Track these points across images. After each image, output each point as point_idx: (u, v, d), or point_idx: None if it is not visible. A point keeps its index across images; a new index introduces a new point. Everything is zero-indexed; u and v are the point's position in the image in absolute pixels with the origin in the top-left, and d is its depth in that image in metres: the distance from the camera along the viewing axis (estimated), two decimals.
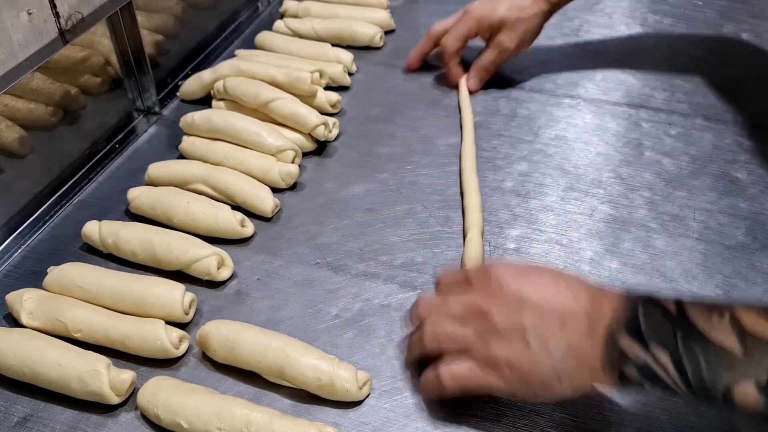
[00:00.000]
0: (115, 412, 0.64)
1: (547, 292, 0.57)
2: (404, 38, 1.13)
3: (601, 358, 0.53)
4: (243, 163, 0.85)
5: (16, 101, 0.81)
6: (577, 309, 0.55)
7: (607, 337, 0.53)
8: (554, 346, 0.55)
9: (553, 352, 0.55)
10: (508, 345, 0.56)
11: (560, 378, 0.55)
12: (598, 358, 0.53)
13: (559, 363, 0.55)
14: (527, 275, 0.59)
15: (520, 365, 0.56)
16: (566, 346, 0.54)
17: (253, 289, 0.74)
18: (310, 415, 0.63)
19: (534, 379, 0.56)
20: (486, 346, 0.57)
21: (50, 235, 0.82)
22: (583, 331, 0.54)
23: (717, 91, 0.99)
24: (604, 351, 0.53)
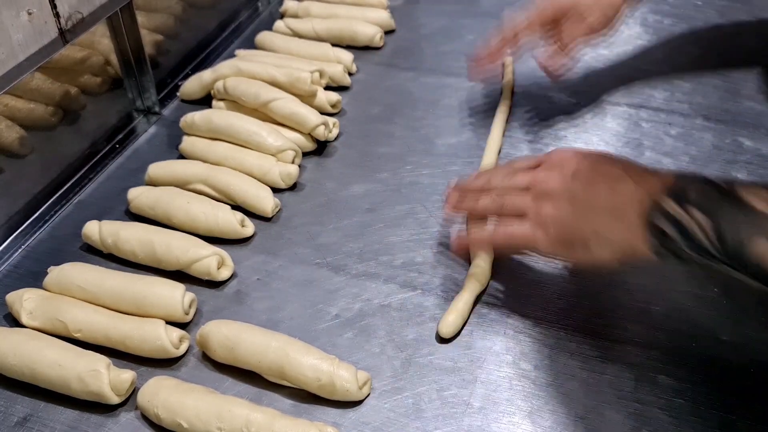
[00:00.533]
0: (115, 412, 0.64)
1: (604, 165, 0.63)
2: (404, 38, 1.13)
3: (643, 219, 0.56)
4: (243, 163, 0.85)
5: (16, 101, 0.81)
6: (627, 179, 0.59)
7: (652, 202, 0.56)
8: (599, 208, 0.60)
9: (597, 214, 0.60)
10: (556, 205, 0.62)
11: (600, 240, 0.60)
12: (639, 220, 0.57)
13: (601, 225, 0.59)
14: (590, 155, 0.65)
15: (563, 224, 0.62)
16: (610, 209, 0.59)
17: (253, 289, 0.74)
18: (310, 415, 0.63)
19: (575, 238, 0.61)
20: (537, 206, 0.64)
21: (50, 235, 0.82)
22: (629, 196, 0.58)
23: (717, 90, 0.99)
24: (647, 213, 0.56)
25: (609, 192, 0.60)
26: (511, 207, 0.67)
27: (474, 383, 0.65)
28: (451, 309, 0.69)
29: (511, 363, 0.67)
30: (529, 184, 0.66)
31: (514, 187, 0.67)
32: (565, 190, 0.63)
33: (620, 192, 0.59)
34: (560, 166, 0.65)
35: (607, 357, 0.66)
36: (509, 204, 0.67)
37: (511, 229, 0.66)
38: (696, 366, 0.65)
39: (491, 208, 0.69)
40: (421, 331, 0.70)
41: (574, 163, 0.64)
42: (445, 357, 0.67)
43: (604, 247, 0.60)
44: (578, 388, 0.64)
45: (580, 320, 0.70)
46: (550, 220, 0.63)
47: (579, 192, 0.62)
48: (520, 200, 0.66)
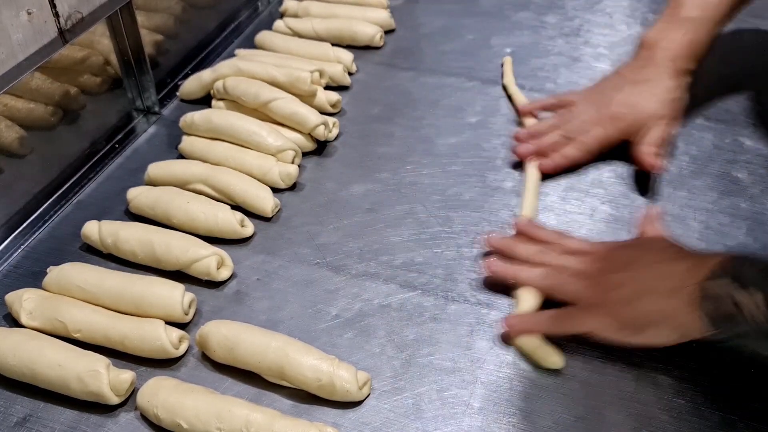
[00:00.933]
0: (115, 412, 0.64)
1: (654, 254, 0.65)
2: (404, 38, 1.13)
3: (695, 299, 0.57)
4: (243, 163, 0.85)
5: (16, 101, 0.81)
6: (680, 264, 0.61)
7: (703, 283, 0.57)
8: (654, 293, 0.61)
9: (652, 298, 0.61)
10: (615, 292, 0.63)
11: (656, 321, 0.60)
12: (695, 301, 0.57)
13: (657, 307, 0.60)
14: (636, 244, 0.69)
15: (621, 310, 0.62)
16: (667, 291, 0.59)
17: (252, 289, 0.74)
18: (310, 415, 0.63)
19: (634, 322, 0.62)
20: (594, 293, 0.64)
21: (50, 235, 0.82)
22: (682, 271, 0.60)
23: (716, 90, 0.98)
24: (699, 292, 0.57)
25: (661, 277, 0.61)
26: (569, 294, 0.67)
27: (474, 384, 0.65)
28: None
29: (511, 363, 0.66)
30: (580, 269, 0.67)
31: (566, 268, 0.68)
32: (620, 276, 0.64)
33: (673, 277, 0.60)
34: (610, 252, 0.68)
35: (607, 357, 0.66)
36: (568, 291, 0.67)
37: (567, 314, 0.66)
38: (696, 366, 0.65)
39: (543, 286, 0.69)
40: (421, 331, 0.69)
41: (624, 251, 0.67)
42: (445, 357, 0.67)
43: (661, 329, 0.61)
44: (578, 389, 0.64)
45: None
46: (609, 306, 0.63)
47: (636, 278, 0.63)
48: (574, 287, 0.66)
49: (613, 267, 0.65)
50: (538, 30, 1.12)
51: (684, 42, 0.84)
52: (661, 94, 0.83)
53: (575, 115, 0.86)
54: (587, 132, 0.84)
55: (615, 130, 0.84)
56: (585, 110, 0.86)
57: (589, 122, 0.85)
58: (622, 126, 0.83)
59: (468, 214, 0.82)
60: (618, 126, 0.83)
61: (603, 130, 0.84)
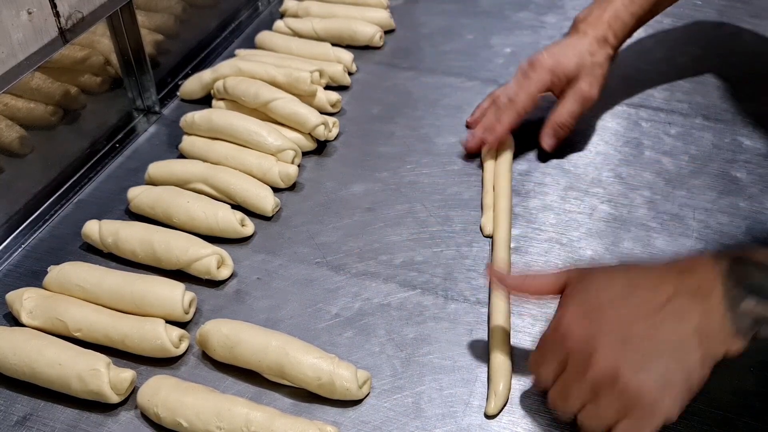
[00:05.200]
0: (115, 411, 0.64)
1: (636, 296, 0.55)
2: (404, 38, 1.13)
3: (730, 328, 0.52)
4: (243, 162, 0.85)
5: (16, 101, 0.81)
6: (680, 289, 0.54)
7: (729, 313, 0.52)
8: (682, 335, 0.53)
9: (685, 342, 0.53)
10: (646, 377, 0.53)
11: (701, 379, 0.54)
12: (726, 330, 0.52)
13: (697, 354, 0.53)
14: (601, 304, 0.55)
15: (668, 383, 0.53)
16: (693, 333, 0.53)
17: (253, 289, 0.74)
18: (310, 414, 0.63)
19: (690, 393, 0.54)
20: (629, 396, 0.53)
21: (50, 234, 0.82)
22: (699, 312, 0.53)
23: (717, 90, 0.99)
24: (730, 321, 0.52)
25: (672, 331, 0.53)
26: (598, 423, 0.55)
27: (474, 382, 0.65)
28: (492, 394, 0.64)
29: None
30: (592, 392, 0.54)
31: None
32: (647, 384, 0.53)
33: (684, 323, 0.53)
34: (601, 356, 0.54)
35: None
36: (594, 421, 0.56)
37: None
38: None
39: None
40: (421, 330, 0.70)
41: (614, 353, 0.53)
42: (445, 356, 0.67)
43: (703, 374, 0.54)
44: None
45: None
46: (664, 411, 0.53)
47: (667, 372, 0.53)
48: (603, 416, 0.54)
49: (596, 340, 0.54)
50: (538, 30, 1.12)
51: (605, 18, 0.87)
52: (582, 52, 0.86)
53: (505, 88, 0.90)
54: (516, 95, 0.86)
55: (539, 82, 0.86)
56: (513, 80, 0.89)
57: (516, 86, 0.87)
58: (545, 77, 0.86)
59: (468, 213, 0.82)
60: (541, 77, 0.86)
61: (528, 85, 0.86)
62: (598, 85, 0.86)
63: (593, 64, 0.86)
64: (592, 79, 0.86)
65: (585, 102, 0.86)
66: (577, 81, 0.86)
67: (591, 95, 0.86)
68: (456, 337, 0.69)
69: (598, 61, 0.86)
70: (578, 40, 0.87)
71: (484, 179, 0.85)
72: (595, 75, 0.86)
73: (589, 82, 0.86)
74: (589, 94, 0.86)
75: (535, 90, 0.86)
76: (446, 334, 0.69)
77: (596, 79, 0.86)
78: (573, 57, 0.86)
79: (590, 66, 0.86)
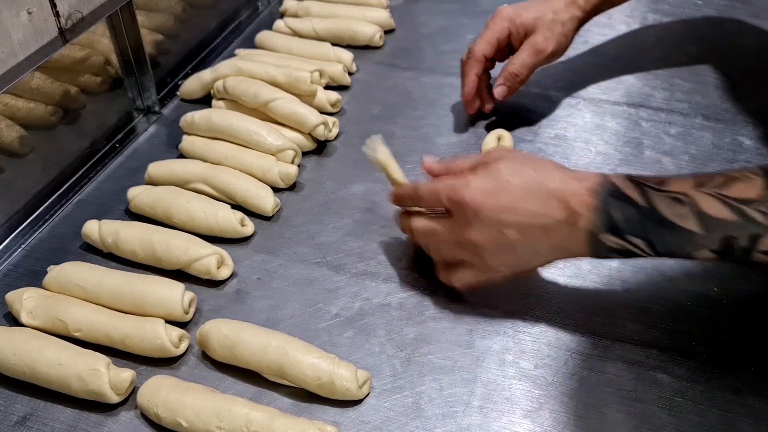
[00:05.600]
0: (115, 411, 0.64)
1: (523, 209, 0.64)
2: (404, 38, 1.13)
3: (586, 251, 0.63)
4: (243, 162, 0.85)
5: (16, 100, 0.81)
6: (555, 218, 0.63)
7: (589, 238, 0.62)
8: (542, 249, 0.65)
9: (542, 253, 0.65)
10: (502, 258, 0.66)
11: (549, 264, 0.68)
12: (583, 251, 0.63)
13: (548, 259, 0.66)
14: (500, 195, 0.64)
15: (516, 268, 0.67)
16: (552, 247, 0.64)
17: (253, 288, 0.74)
18: (310, 413, 0.63)
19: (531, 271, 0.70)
20: (484, 263, 0.67)
21: (50, 234, 0.82)
22: (565, 234, 0.63)
23: (716, 90, 0.99)
24: (588, 247, 0.62)
25: (544, 234, 0.63)
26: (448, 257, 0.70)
27: (474, 382, 0.65)
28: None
29: (511, 362, 0.67)
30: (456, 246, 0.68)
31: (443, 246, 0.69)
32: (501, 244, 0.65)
33: (554, 234, 0.63)
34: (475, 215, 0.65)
35: (607, 356, 0.66)
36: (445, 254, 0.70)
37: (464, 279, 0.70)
38: (695, 365, 0.65)
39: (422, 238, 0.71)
40: (421, 330, 0.70)
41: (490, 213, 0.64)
42: (445, 356, 0.67)
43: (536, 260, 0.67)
44: (578, 387, 0.64)
45: (579, 319, 0.70)
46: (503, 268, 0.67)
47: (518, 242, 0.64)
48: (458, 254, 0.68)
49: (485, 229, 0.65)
50: None
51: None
52: (545, 9, 0.88)
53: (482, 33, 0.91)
54: (476, 44, 0.90)
55: (496, 30, 0.89)
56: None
57: (478, 37, 0.90)
58: (503, 24, 0.89)
59: None
60: (499, 25, 0.89)
61: (486, 33, 0.90)
62: (555, 40, 0.88)
63: (553, 20, 0.88)
64: (549, 34, 0.88)
65: (538, 54, 0.88)
66: (533, 33, 0.88)
67: (545, 48, 0.88)
68: (456, 337, 0.69)
69: (560, 19, 0.88)
70: (547, 1, 0.90)
71: None
72: (552, 30, 0.88)
73: (545, 36, 0.88)
74: (542, 47, 0.88)
75: (491, 36, 0.89)
76: (446, 334, 0.69)
77: (553, 34, 0.88)
78: (534, 11, 0.88)
79: (549, 21, 0.88)
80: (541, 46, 0.88)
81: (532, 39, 0.88)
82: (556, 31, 0.88)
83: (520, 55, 0.88)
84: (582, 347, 0.67)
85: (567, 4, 0.89)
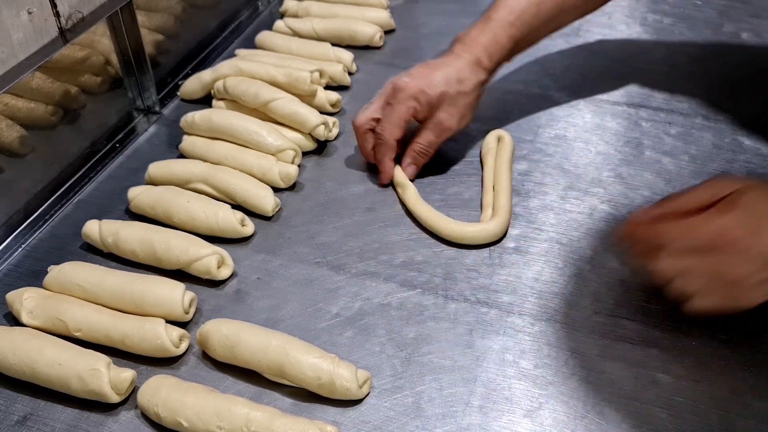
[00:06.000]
0: (116, 410, 0.64)
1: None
2: (404, 38, 1.13)
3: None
4: (243, 162, 0.85)
5: (17, 100, 0.81)
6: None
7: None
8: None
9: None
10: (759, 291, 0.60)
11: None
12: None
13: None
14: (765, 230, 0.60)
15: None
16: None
17: (253, 288, 0.74)
18: (310, 413, 0.63)
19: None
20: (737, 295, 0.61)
21: (50, 234, 0.82)
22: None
23: (717, 90, 0.99)
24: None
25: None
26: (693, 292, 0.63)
27: (474, 382, 0.65)
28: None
29: (511, 362, 0.67)
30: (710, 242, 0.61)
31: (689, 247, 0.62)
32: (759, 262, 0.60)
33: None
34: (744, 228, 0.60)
35: (606, 356, 0.66)
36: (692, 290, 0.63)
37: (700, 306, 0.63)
38: (695, 364, 0.65)
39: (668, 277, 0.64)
40: (421, 329, 0.70)
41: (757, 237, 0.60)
42: (445, 356, 0.67)
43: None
44: (578, 387, 0.64)
45: (579, 319, 0.70)
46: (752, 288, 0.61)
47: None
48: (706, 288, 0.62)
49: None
50: None
51: (482, 40, 0.85)
52: (450, 78, 0.83)
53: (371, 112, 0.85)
54: (383, 129, 0.84)
55: (402, 111, 0.83)
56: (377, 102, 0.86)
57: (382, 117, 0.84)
58: (409, 104, 0.83)
59: (468, 213, 0.82)
60: (404, 105, 0.83)
61: (392, 115, 0.83)
62: (458, 114, 0.84)
63: (458, 93, 0.83)
64: (453, 110, 0.84)
65: (442, 132, 0.84)
66: (438, 110, 0.83)
67: (449, 126, 0.84)
68: (456, 337, 0.69)
69: (465, 90, 0.83)
70: (451, 61, 0.85)
71: (484, 179, 0.85)
72: (457, 105, 0.84)
73: (450, 113, 0.84)
74: (447, 125, 0.84)
75: (399, 119, 0.83)
76: (446, 334, 0.69)
77: (457, 109, 0.84)
78: (439, 84, 0.83)
79: (454, 95, 0.83)
80: (446, 124, 0.84)
81: (436, 117, 0.84)
82: (461, 104, 0.84)
83: (424, 134, 0.85)
84: (582, 347, 0.67)
85: (471, 67, 0.84)
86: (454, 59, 0.85)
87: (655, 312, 0.70)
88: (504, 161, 0.86)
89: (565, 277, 0.74)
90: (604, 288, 0.73)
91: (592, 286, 0.73)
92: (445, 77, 0.83)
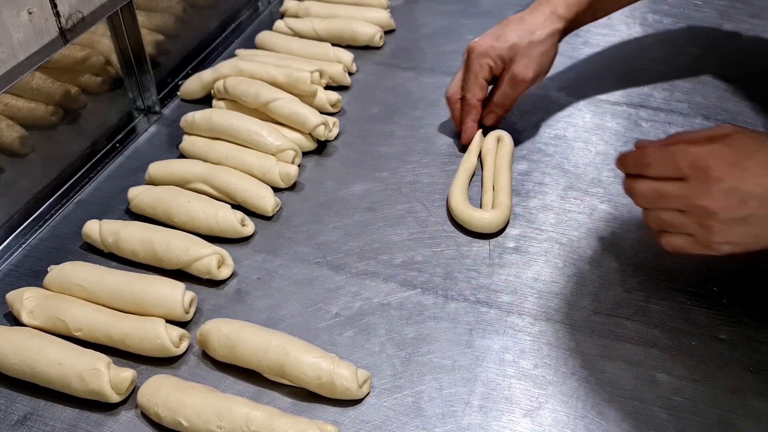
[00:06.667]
0: (116, 410, 0.64)
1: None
2: (404, 38, 1.13)
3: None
4: (243, 162, 0.85)
5: (17, 100, 0.81)
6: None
7: None
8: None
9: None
10: (730, 233, 0.61)
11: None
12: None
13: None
14: (747, 166, 0.60)
15: (743, 245, 0.62)
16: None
17: (253, 288, 0.74)
18: (310, 413, 0.63)
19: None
20: (707, 236, 0.62)
21: (51, 234, 0.82)
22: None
23: (716, 90, 0.99)
24: None
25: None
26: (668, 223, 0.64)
27: (474, 382, 0.65)
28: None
29: (511, 362, 0.67)
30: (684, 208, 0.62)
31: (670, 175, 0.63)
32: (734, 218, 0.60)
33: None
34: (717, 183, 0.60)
35: (606, 355, 0.66)
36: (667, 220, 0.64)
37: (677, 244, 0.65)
38: (695, 364, 0.65)
39: (645, 201, 0.66)
40: (421, 329, 0.70)
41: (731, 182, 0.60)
42: (445, 355, 0.67)
43: None
44: (578, 387, 0.64)
45: (579, 319, 0.70)
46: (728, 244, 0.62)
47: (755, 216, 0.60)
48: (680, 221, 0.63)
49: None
50: None
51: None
52: (523, 31, 0.85)
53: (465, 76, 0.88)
54: (467, 90, 0.88)
55: (478, 71, 0.86)
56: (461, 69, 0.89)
57: (464, 81, 0.88)
58: (483, 62, 0.86)
59: None
60: (478, 65, 0.86)
61: (470, 77, 0.87)
62: (534, 64, 0.85)
63: (530, 43, 0.84)
64: (527, 61, 0.85)
65: (518, 84, 0.86)
66: (512, 63, 0.85)
67: (523, 77, 0.86)
68: (456, 337, 0.69)
69: (537, 40, 0.85)
70: (526, 15, 0.87)
71: (483, 179, 0.85)
72: (530, 56, 0.85)
73: (524, 64, 0.85)
74: (521, 77, 0.86)
75: (475, 79, 0.87)
76: (446, 333, 0.69)
77: (531, 59, 0.85)
78: (509, 37, 0.85)
79: (526, 46, 0.84)
80: (521, 75, 0.85)
81: (511, 70, 0.85)
82: (535, 54, 0.85)
83: (501, 88, 0.87)
84: (581, 347, 0.67)
85: (547, 16, 0.85)
86: (529, 13, 0.87)
87: (655, 312, 0.70)
88: (504, 161, 0.86)
89: (564, 277, 0.74)
90: (604, 288, 0.73)
91: (591, 286, 0.73)
92: (516, 30, 0.85)
